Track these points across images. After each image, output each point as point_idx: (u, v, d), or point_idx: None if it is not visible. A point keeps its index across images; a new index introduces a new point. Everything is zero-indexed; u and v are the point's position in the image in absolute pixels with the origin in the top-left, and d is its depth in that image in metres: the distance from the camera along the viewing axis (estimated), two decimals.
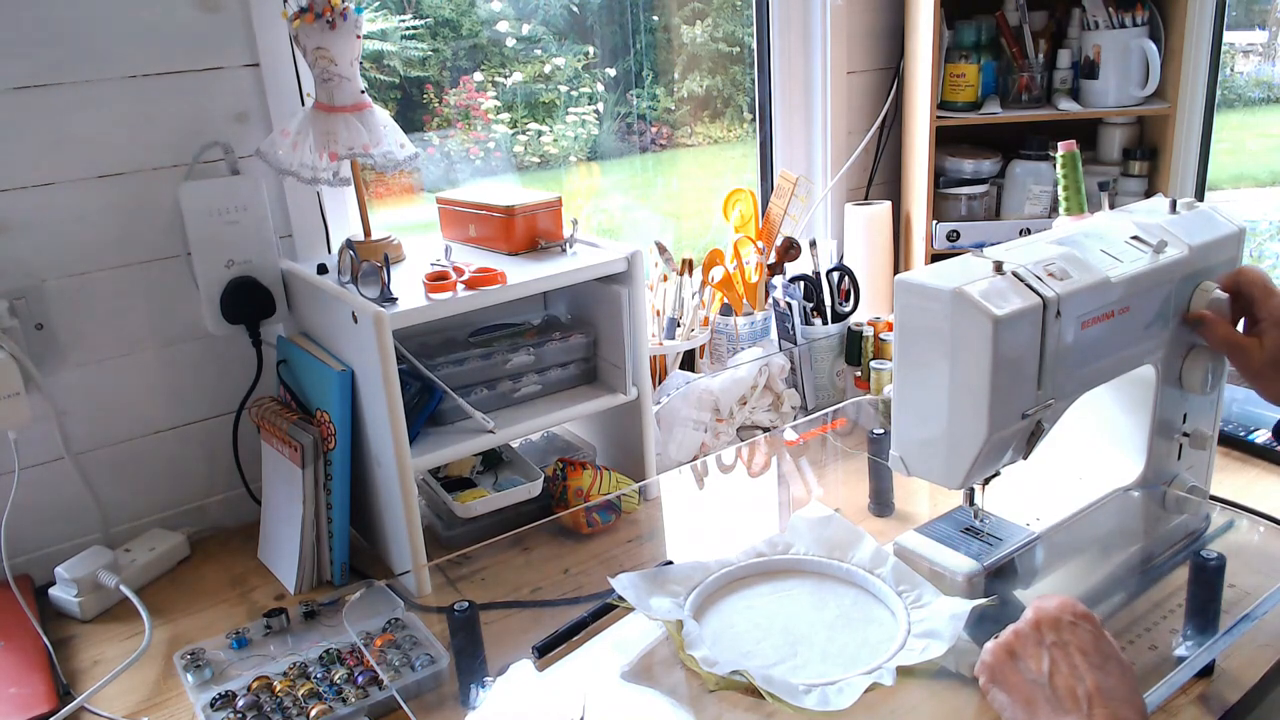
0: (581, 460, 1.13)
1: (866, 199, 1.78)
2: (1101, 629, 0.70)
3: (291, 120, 1.06)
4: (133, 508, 1.15)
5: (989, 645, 0.72)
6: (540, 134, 1.63)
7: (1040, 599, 0.72)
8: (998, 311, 0.73)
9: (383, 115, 1.08)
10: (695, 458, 1.26)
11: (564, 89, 1.63)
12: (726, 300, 1.47)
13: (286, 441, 1.02)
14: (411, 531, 0.98)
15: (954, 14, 1.59)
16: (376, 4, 1.44)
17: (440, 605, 0.97)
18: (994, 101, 1.60)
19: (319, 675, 0.86)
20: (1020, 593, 0.87)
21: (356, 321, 0.94)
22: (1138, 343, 0.87)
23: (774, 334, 1.46)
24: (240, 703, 0.82)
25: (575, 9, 1.61)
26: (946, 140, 1.63)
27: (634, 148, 1.76)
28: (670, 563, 0.95)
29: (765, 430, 1.33)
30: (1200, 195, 1.67)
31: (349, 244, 1.03)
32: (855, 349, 1.41)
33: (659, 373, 1.38)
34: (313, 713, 0.81)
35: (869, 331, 1.40)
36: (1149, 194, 1.61)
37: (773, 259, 1.48)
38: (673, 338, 1.39)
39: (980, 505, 0.91)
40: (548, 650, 0.86)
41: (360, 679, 0.84)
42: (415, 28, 1.49)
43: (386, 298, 0.94)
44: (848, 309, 1.46)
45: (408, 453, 0.96)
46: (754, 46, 1.71)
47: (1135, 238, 0.87)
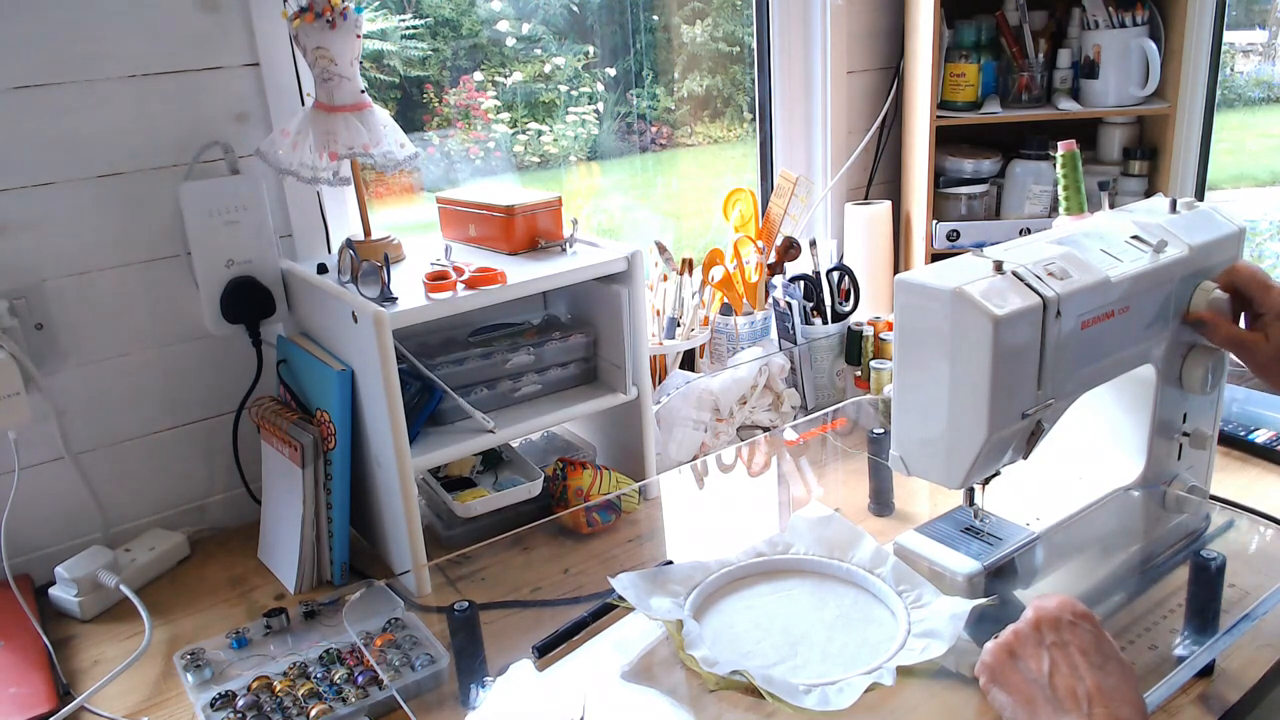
0: (581, 460, 1.13)
1: (866, 199, 1.78)
2: (1101, 629, 0.70)
3: (291, 120, 1.06)
4: (133, 508, 1.15)
5: (989, 645, 0.72)
6: (540, 134, 1.63)
7: (1040, 599, 0.72)
8: (998, 311, 0.73)
9: (383, 115, 1.08)
10: (695, 458, 1.25)
11: (564, 89, 1.63)
12: (726, 300, 1.47)
13: (286, 441, 1.02)
14: (411, 531, 0.98)
15: (954, 14, 1.59)
16: (376, 4, 1.44)
17: (440, 605, 0.97)
18: (994, 101, 1.60)
19: (319, 675, 0.86)
20: (1020, 593, 0.87)
21: (356, 321, 0.94)
22: (1138, 343, 0.87)
23: (774, 334, 1.46)
24: (240, 703, 0.82)
25: (575, 9, 1.60)
26: (946, 140, 1.63)
27: (634, 147, 1.76)
28: (670, 563, 0.95)
29: (765, 430, 1.33)
30: (1200, 195, 1.67)
31: (349, 244, 1.03)
32: (855, 349, 1.41)
33: (659, 372, 1.38)
34: (313, 713, 0.81)
35: (869, 331, 1.40)
36: (1149, 194, 1.61)
37: (773, 259, 1.48)
38: (673, 337, 1.38)
39: (980, 505, 0.91)
40: (548, 650, 0.86)
41: (360, 679, 0.84)
42: (415, 27, 1.49)
43: (386, 297, 0.94)
44: (848, 309, 1.46)
45: (408, 452, 0.96)
46: (754, 46, 1.71)
47: (1135, 237, 0.87)
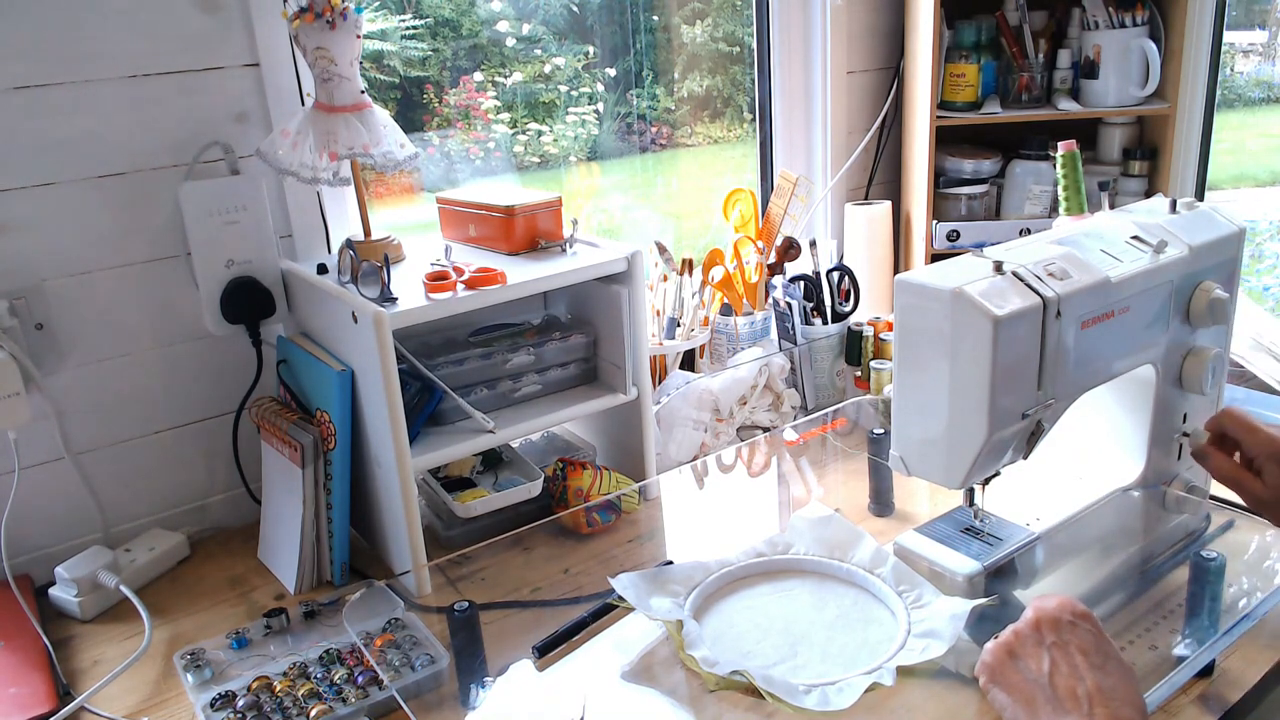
0: (581, 460, 1.13)
1: (866, 199, 1.78)
2: (1101, 628, 0.70)
3: (291, 120, 1.06)
4: (133, 508, 1.15)
5: (989, 645, 0.72)
6: (540, 134, 1.63)
7: (1039, 599, 0.72)
8: (998, 311, 0.73)
9: (383, 115, 1.08)
10: (695, 458, 1.25)
11: (564, 89, 1.63)
12: (726, 300, 1.47)
13: (286, 441, 1.02)
14: (411, 531, 0.98)
15: (954, 14, 1.59)
16: (376, 4, 1.44)
17: (440, 605, 0.97)
18: (994, 101, 1.60)
19: (319, 675, 0.86)
20: (1020, 593, 0.86)
21: (356, 321, 0.94)
22: (1138, 343, 0.87)
23: (774, 334, 1.46)
24: (240, 703, 0.82)
25: (575, 9, 1.60)
26: (946, 140, 1.63)
27: (634, 148, 1.76)
28: (670, 563, 0.95)
29: (765, 430, 1.33)
30: (1200, 195, 1.67)
31: (349, 244, 1.03)
32: (855, 349, 1.41)
33: (659, 373, 1.38)
34: (313, 713, 0.81)
35: (869, 331, 1.40)
36: (1149, 194, 1.61)
37: (773, 259, 1.48)
38: (673, 338, 1.38)
39: (980, 505, 0.91)
40: (548, 650, 0.86)
41: (360, 679, 0.84)
42: (415, 28, 1.49)
43: (386, 297, 0.94)
44: (848, 309, 1.46)
45: (408, 453, 0.96)
46: (754, 46, 1.71)
47: (1135, 238, 0.87)
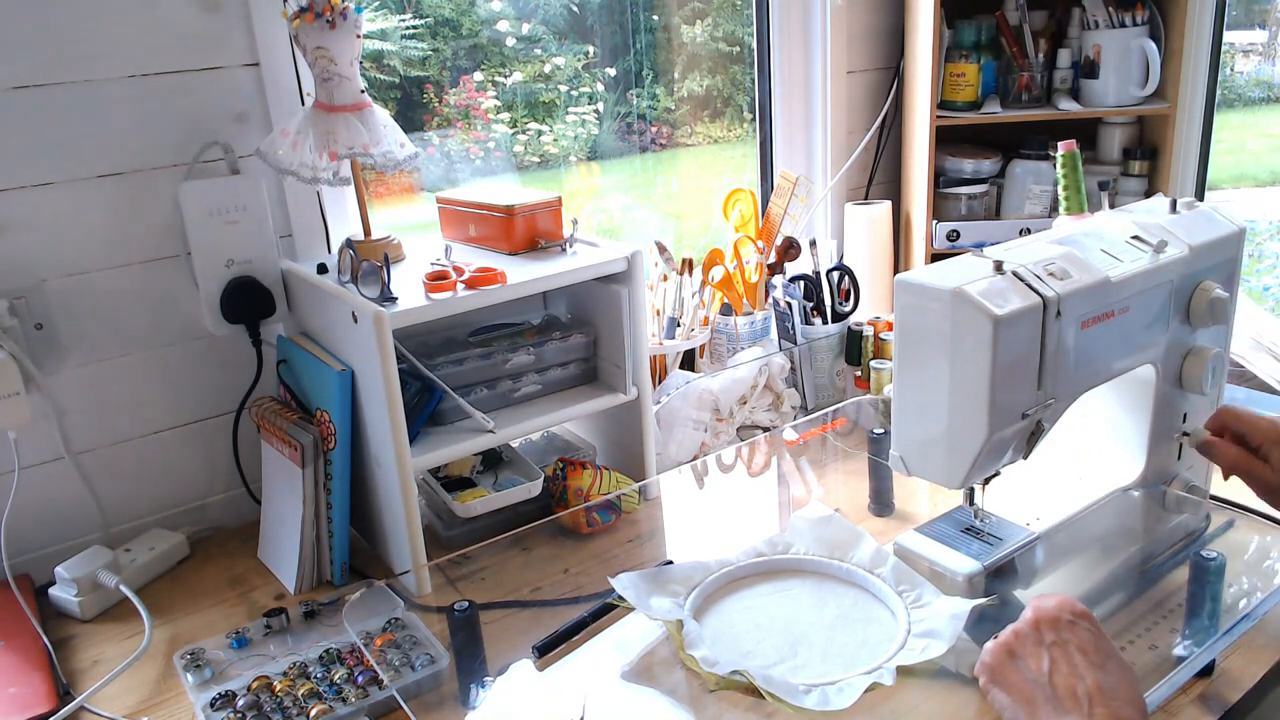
0: (581, 460, 1.13)
1: (866, 199, 1.78)
2: (1100, 628, 0.70)
3: (291, 120, 1.06)
4: (133, 508, 1.15)
5: (989, 645, 0.72)
6: (540, 134, 1.63)
7: (1039, 598, 0.72)
8: (998, 311, 0.73)
9: (383, 115, 1.08)
10: (695, 458, 1.25)
11: (564, 89, 1.63)
12: (726, 300, 1.47)
13: (286, 441, 1.02)
14: (411, 531, 0.98)
15: (954, 14, 1.59)
16: (376, 4, 1.44)
17: (440, 605, 0.97)
18: (994, 101, 1.60)
19: (319, 675, 0.86)
20: (1020, 593, 0.86)
21: (356, 321, 0.94)
22: (1138, 343, 0.87)
23: (774, 334, 1.46)
24: (240, 703, 0.82)
25: (575, 9, 1.60)
26: (946, 140, 1.63)
27: (634, 148, 1.76)
28: (670, 562, 0.95)
29: (765, 430, 1.33)
30: (1200, 195, 1.67)
31: (349, 244, 1.03)
32: (855, 349, 1.41)
33: (659, 372, 1.38)
34: (313, 713, 0.81)
35: (869, 331, 1.40)
36: (1149, 194, 1.61)
37: (773, 259, 1.48)
38: (673, 337, 1.38)
39: (980, 505, 0.91)
40: (548, 650, 0.86)
41: (360, 679, 0.84)
42: (415, 27, 1.49)
43: (386, 297, 0.94)
44: (848, 309, 1.46)
45: (408, 452, 0.96)
46: (754, 46, 1.71)
47: (1135, 238, 0.87)
